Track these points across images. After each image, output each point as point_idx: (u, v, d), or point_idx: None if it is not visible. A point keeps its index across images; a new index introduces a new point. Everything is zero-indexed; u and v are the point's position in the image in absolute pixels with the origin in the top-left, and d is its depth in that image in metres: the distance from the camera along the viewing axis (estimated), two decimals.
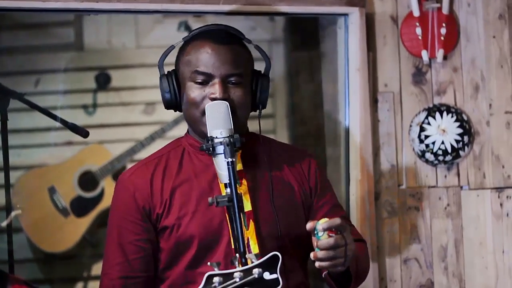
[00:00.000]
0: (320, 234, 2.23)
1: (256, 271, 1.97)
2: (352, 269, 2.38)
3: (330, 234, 2.22)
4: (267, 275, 1.97)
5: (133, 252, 2.46)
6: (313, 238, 2.26)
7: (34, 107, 2.87)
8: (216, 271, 1.97)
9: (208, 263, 2.04)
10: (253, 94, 2.51)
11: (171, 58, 2.56)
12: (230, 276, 1.96)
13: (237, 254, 2.20)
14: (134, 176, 2.51)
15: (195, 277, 2.41)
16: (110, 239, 2.51)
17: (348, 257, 2.26)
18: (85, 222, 4.58)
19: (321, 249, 2.22)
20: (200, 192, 2.45)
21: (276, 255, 2.00)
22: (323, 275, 2.40)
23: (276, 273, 1.98)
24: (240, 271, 1.96)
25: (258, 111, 2.53)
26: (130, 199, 2.47)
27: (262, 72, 2.55)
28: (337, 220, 2.24)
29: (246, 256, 2.16)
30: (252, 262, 2.00)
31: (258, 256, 2.03)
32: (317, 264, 2.23)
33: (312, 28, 3.91)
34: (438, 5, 3.39)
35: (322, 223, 2.23)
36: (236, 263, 2.17)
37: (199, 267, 2.42)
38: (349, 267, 2.34)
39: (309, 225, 2.25)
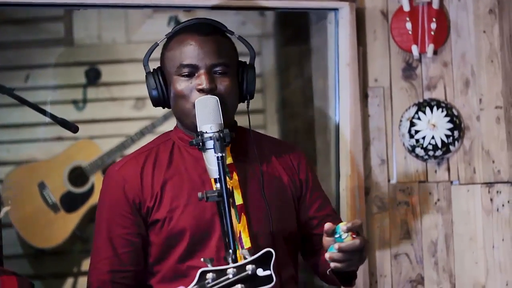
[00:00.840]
0: (344, 236, 2.22)
1: (249, 267, 1.96)
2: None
3: (353, 236, 2.22)
4: (260, 272, 1.96)
5: (123, 245, 2.45)
6: (329, 239, 2.25)
7: (23, 102, 2.86)
8: (210, 267, 1.96)
9: (202, 259, 2.03)
10: (240, 85, 2.50)
11: (157, 54, 2.54)
12: (223, 272, 1.95)
13: (230, 250, 2.19)
14: (124, 169, 2.49)
15: (185, 271, 2.40)
16: (98, 233, 2.49)
17: (363, 258, 2.29)
18: (75, 217, 4.57)
19: (344, 251, 2.21)
20: (191, 185, 2.44)
21: (270, 251, 2.00)
22: (327, 272, 2.37)
23: (270, 270, 1.98)
24: (234, 267, 1.95)
25: (246, 102, 2.52)
26: (119, 192, 2.45)
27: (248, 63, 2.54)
28: (358, 221, 2.25)
29: (240, 252, 2.15)
30: (246, 259, 2.00)
31: (251, 251, 2.03)
32: (332, 265, 2.24)
33: (302, 23, 3.91)
34: None
35: (345, 224, 2.23)
36: (229, 259, 2.17)
37: (190, 261, 2.41)
38: None
39: (327, 226, 2.24)
